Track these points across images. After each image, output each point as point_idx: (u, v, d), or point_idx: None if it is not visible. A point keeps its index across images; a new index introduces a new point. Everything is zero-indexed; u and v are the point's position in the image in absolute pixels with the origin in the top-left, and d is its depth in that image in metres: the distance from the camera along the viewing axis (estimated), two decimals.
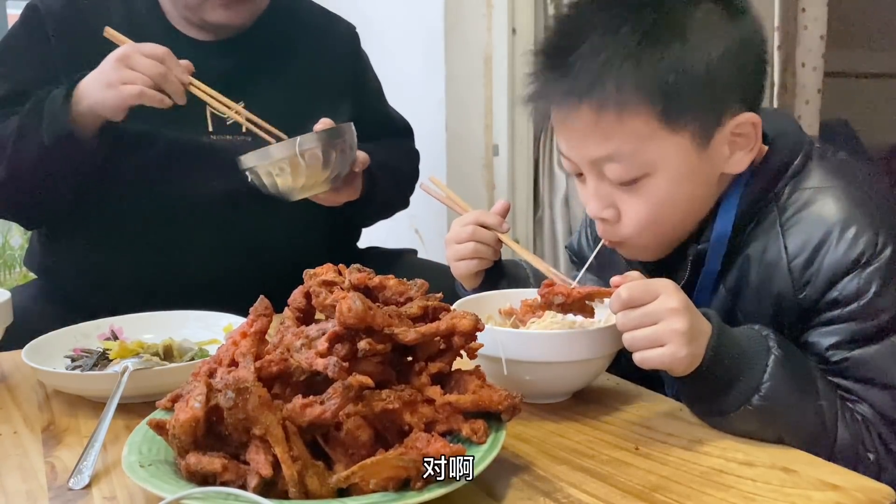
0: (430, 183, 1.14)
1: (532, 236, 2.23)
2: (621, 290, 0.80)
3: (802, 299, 0.86)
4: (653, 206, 0.89)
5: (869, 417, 0.82)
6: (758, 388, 0.79)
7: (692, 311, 0.79)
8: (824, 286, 0.84)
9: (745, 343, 0.81)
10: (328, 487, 0.64)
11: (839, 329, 0.84)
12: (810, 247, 0.86)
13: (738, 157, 0.90)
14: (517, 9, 2.12)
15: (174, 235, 1.37)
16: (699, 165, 0.89)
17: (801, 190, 0.89)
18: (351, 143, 1.27)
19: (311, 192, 1.26)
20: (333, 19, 1.59)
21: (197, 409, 0.65)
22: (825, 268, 0.84)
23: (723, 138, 0.88)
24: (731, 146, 0.89)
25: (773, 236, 0.89)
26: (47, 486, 0.75)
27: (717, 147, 0.89)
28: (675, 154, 0.87)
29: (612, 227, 0.93)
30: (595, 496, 0.70)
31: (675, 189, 0.89)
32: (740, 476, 0.73)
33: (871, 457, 0.81)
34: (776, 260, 0.88)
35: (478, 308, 0.97)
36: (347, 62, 1.54)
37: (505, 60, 2.12)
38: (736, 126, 0.88)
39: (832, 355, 0.84)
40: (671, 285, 0.80)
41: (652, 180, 0.88)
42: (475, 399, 0.72)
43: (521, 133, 2.17)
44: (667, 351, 0.78)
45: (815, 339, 0.85)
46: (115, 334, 1.10)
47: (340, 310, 0.69)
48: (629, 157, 0.87)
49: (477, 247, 1.05)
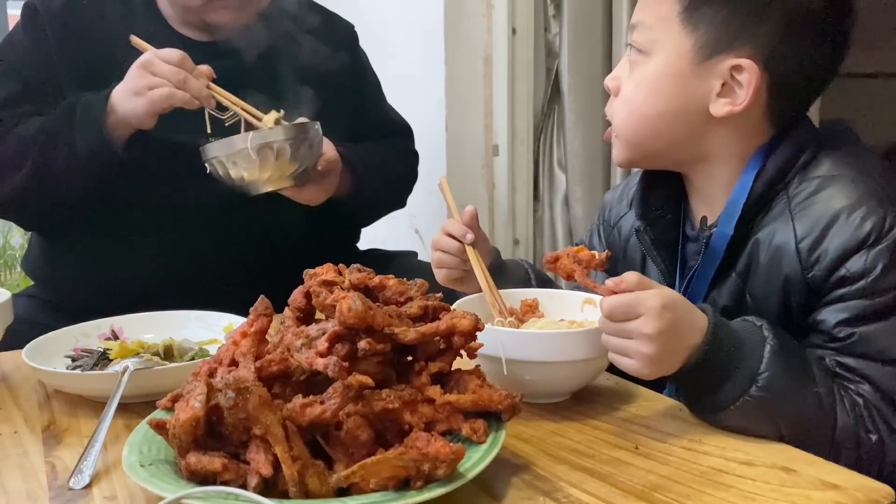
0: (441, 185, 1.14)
1: (532, 236, 2.23)
2: (604, 303, 0.81)
3: (811, 279, 0.87)
4: (636, 85, 0.96)
5: (869, 397, 0.83)
6: (755, 378, 0.79)
7: (669, 334, 0.79)
8: (832, 265, 0.85)
9: (742, 334, 0.82)
10: (328, 487, 0.64)
11: (847, 306, 0.85)
12: (819, 228, 0.87)
13: (722, 103, 0.92)
14: (517, 9, 2.12)
15: (174, 237, 1.37)
16: (688, 76, 0.93)
17: (809, 179, 0.91)
18: (316, 140, 1.27)
19: (276, 187, 1.25)
20: (332, 19, 1.59)
21: (197, 408, 0.65)
22: (833, 247, 0.85)
23: (720, 69, 0.91)
24: (725, 87, 0.92)
25: (783, 221, 0.90)
26: (48, 486, 0.75)
27: (711, 72, 0.92)
28: (675, 48, 0.93)
29: (609, 102, 1.00)
30: (595, 496, 0.70)
31: (657, 80, 0.94)
32: (740, 476, 0.73)
33: (872, 437, 0.82)
34: (785, 242, 0.89)
35: (478, 308, 0.97)
36: (346, 61, 1.54)
37: (505, 60, 2.12)
38: (736, 67, 0.90)
39: (839, 332, 0.85)
40: (657, 306, 0.79)
41: (648, 61, 0.95)
42: (475, 399, 0.72)
43: (521, 133, 2.17)
44: (632, 365, 0.81)
45: (822, 316, 0.86)
46: (116, 334, 1.10)
47: (340, 310, 0.69)
48: (647, 28, 0.95)
49: (441, 256, 1.07)
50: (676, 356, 0.81)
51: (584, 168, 2.02)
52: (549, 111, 2.12)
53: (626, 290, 0.80)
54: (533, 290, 1.04)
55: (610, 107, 1.00)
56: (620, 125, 0.98)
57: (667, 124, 0.95)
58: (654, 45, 0.94)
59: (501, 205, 2.21)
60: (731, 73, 0.91)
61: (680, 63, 0.92)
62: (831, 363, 0.85)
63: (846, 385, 0.84)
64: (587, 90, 1.99)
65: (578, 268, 0.86)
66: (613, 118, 0.99)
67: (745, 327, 0.84)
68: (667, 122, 0.95)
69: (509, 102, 2.14)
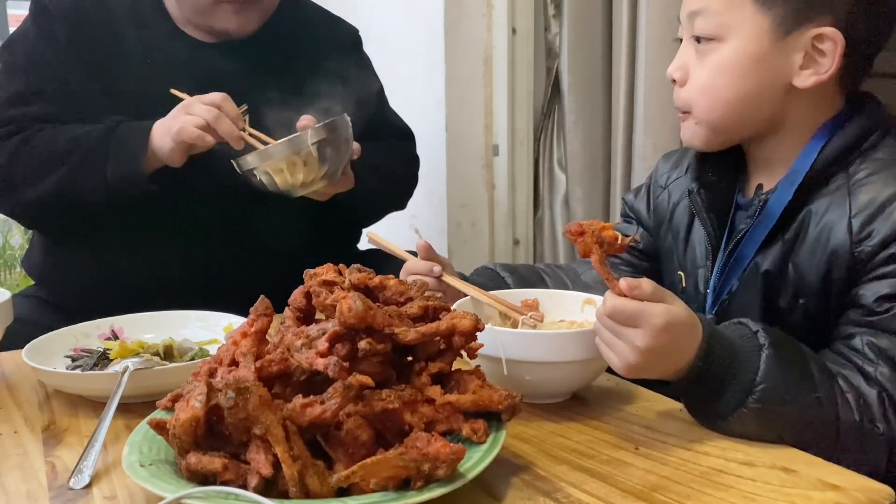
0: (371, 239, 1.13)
1: (532, 236, 2.23)
2: (609, 301, 0.81)
3: (858, 253, 0.88)
4: (712, 71, 0.96)
5: (883, 382, 0.83)
6: (752, 389, 0.79)
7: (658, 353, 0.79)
8: (882, 242, 0.86)
9: (737, 344, 0.82)
10: (328, 487, 0.64)
11: (891, 283, 0.85)
12: (874, 206, 0.88)
13: (807, 74, 0.93)
14: (517, 9, 2.12)
15: (174, 238, 1.36)
16: (769, 54, 0.93)
17: (872, 160, 0.92)
18: (346, 136, 1.27)
19: (311, 189, 1.26)
20: (336, 22, 1.59)
21: (197, 408, 0.65)
22: (886, 226, 0.87)
23: (801, 41, 0.92)
24: (806, 58, 0.93)
25: (839, 196, 0.91)
26: (48, 486, 0.75)
27: (794, 47, 0.92)
28: (751, 29, 0.93)
29: (679, 92, 1.00)
30: (595, 496, 0.70)
31: (738, 64, 0.94)
32: (740, 476, 0.73)
33: (880, 427, 0.82)
34: (839, 217, 0.90)
35: (478, 308, 0.97)
36: (349, 64, 1.54)
37: (505, 60, 2.12)
38: (819, 37, 0.91)
39: (878, 306, 0.85)
40: (658, 325, 0.78)
41: (722, 47, 0.94)
42: (475, 399, 0.72)
43: (521, 133, 2.17)
44: (613, 361, 0.82)
45: (864, 291, 0.87)
46: (116, 334, 1.10)
47: (340, 310, 0.69)
48: (714, 14, 0.94)
49: None
50: (657, 370, 0.82)
51: (584, 168, 2.02)
52: (549, 111, 2.12)
53: (636, 298, 0.80)
54: (533, 291, 1.04)
55: (679, 96, 1.00)
56: (703, 112, 0.98)
57: (752, 105, 0.96)
58: (726, 29, 0.94)
59: (501, 205, 2.21)
60: (812, 44, 0.92)
61: (760, 43, 0.93)
62: (861, 342, 0.85)
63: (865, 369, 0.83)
64: (587, 90, 1.99)
65: (598, 250, 0.83)
66: (692, 106, 0.99)
67: (741, 334, 0.83)
68: (751, 103, 0.96)
69: (509, 102, 2.14)
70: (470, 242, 2.24)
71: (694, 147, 1.03)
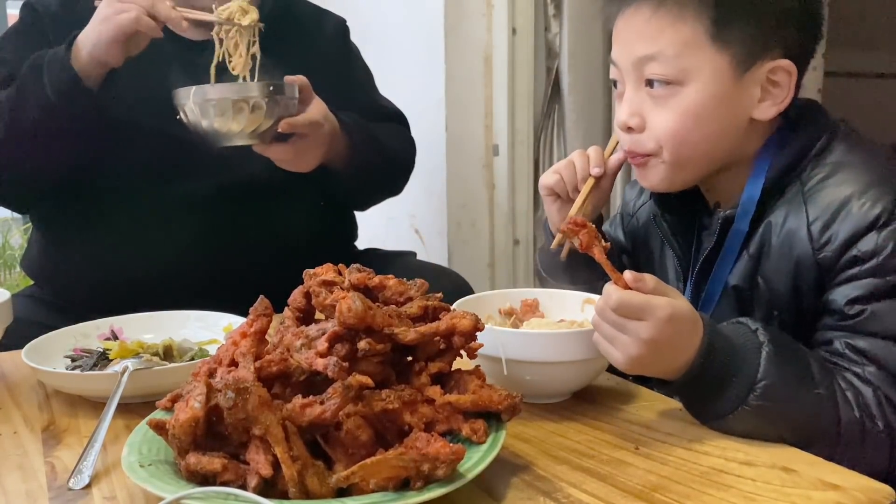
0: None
1: (532, 236, 2.23)
2: (614, 294, 0.80)
3: (821, 259, 0.89)
4: (678, 117, 0.94)
5: (876, 382, 0.83)
6: (753, 387, 0.79)
7: (662, 345, 0.79)
8: (843, 246, 0.87)
9: (737, 342, 0.82)
10: (328, 487, 0.64)
11: (859, 284, 0.86)
12: (830, 210, 0.89)
13: (766, 106, 0.95)
14: (517, 9, 2.12)
15: (173, 237, 1.36)
16: (731, 92, 0.93)
17: (822, 165, 0.94)
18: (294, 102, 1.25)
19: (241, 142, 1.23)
20: (323, 14, 1.61)
21: (197, 409, 0.64)
22: (845, 229, 0.87)
23: (758, 76, 0.93)
24: (764, 91, 0.94)
25: (796, 205, 0.93)
26: (47, 486, 0.75)
27: (752, 82, 0.94)
28: (712, 70, 0.93)
29: (637, 138, 0.97)
30: (595, 496, 0.70)
31: (703, 105, 0.93)
32: (740, 476, 0.73)
33: (879, 424, 0.82)
34: (797, 225, 0.91)
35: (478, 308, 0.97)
36: (335, 53, 1.55)
37: (505, 60, 2.12)
38: (773, 69, 0.93)
39: (851, 309, 0.86)
40: (664, 317, 0.78)
41: (683, 91, 0.93)
42: (475, 399, 0.72)
43: (521, 133, 2.17)
44: (614, 356, 0.82)
45: (834, 296, 0.88)
46: (115, 334, 1.10)
47: (340, 310, 0.69)
48: (671, 59, 0.93)
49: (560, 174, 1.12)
50: (659, 365, 0.82)
51: None
52: (549, 111, 2.12)
53: (641, 291, 0.80)
54: (533, 290, 1.04)
55: (639, 142, 0.97)
56: (671, 155, 0.96)
57: (717, 142, 0.96)
58: (685, 73, 0.93)
59: (501, 205, 2.22)
60: (767, 77, 0.94)
61: (722, 83, 0.93)
62: (841, 345, 0.86)
63: (853, 370, 0.84)
64: (587, 90, 1.99)
65: (598, 244, 0.84)
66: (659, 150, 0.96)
67: (741, 333, 0.83)
68: (717, 141, 0.96)
69: (509, 102, 2.15)
70: (470, 242, 2.24)
71: (658, 190, 1.04)
